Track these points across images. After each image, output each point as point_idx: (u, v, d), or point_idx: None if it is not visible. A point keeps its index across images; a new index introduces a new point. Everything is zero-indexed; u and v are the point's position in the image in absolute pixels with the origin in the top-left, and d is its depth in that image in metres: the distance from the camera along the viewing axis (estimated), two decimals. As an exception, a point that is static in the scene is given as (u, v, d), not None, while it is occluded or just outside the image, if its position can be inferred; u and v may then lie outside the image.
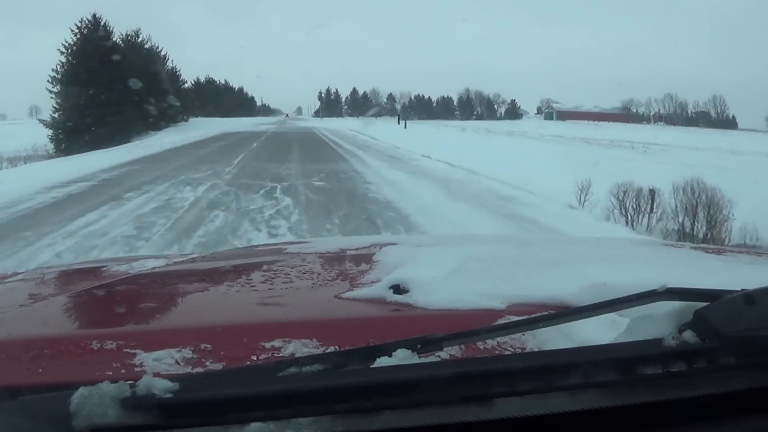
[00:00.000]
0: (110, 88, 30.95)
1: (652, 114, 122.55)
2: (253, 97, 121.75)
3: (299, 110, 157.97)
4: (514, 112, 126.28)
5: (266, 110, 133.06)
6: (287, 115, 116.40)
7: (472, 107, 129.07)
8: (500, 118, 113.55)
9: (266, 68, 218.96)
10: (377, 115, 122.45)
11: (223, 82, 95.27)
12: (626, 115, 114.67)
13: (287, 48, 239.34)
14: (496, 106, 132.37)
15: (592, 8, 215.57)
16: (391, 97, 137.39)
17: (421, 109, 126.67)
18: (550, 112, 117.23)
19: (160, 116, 35.43)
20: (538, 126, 64.13)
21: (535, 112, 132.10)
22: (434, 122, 78.91)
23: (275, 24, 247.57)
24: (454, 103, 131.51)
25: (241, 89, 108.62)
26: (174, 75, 44.29)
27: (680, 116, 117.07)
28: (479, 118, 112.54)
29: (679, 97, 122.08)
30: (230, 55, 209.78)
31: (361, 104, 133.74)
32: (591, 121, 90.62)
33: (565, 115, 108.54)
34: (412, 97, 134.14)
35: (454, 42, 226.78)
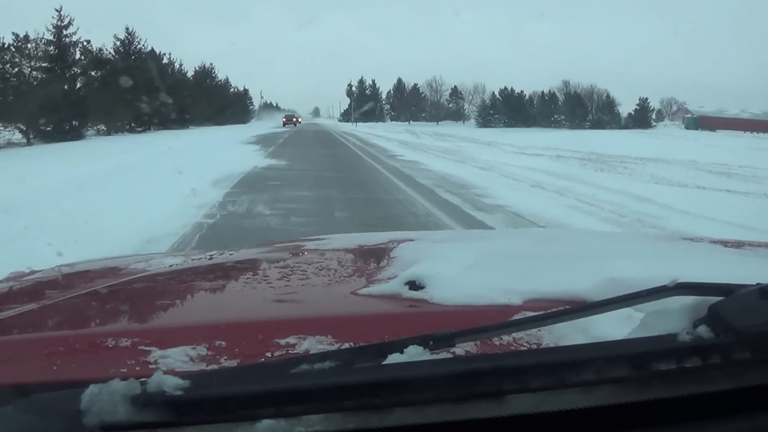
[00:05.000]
0: None
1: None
2: (246, 91, 75.66)
3: (316, 111, 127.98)
4: (644, 118, 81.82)
5: (270, 110, 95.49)
6: (289, 119, 64.75)
7: (586, 109, 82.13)
8: (627, 127, 73.14)
9: (278, 61, 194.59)
10: (437, 119, 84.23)
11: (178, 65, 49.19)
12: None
13: (304, 36, 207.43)
14: (617, 109, 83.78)
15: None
16: (456, 92, 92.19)
17: (508, 109, 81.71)
18: (692, 118, 75.95)
19: None
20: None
21: (653, 116, 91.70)
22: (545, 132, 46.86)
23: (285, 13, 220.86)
24: (559, 102, 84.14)
25: (207, 70, 58.73)
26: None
27: None
28: (596, 125, 73.13)
29: None
30: (233, 48, 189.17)
31: (409, 101, 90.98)
32: (754, 132, 56.32)
33: (708, 122, 71.76)
34: (496, 93, 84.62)
35: (544, 26, 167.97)
